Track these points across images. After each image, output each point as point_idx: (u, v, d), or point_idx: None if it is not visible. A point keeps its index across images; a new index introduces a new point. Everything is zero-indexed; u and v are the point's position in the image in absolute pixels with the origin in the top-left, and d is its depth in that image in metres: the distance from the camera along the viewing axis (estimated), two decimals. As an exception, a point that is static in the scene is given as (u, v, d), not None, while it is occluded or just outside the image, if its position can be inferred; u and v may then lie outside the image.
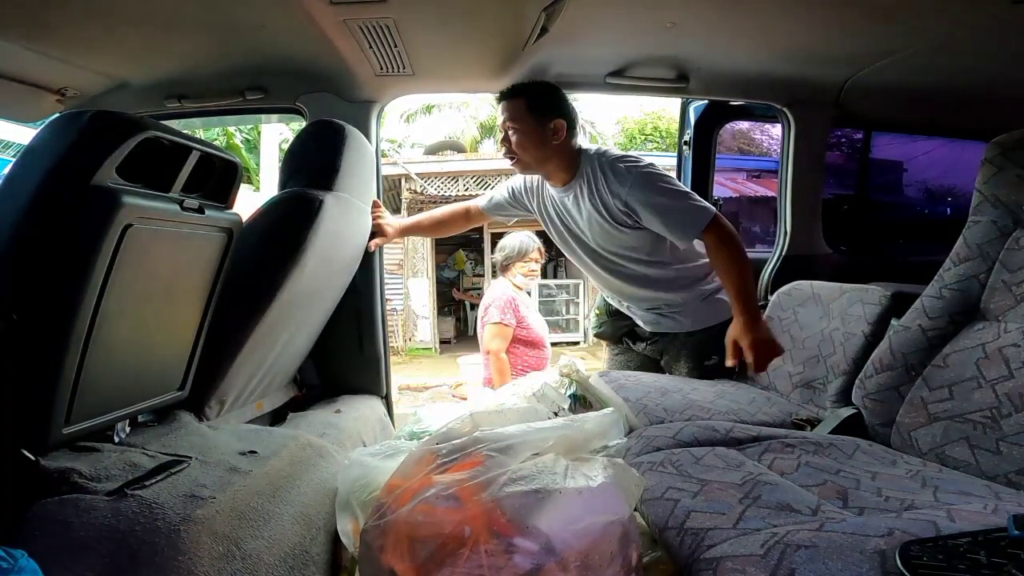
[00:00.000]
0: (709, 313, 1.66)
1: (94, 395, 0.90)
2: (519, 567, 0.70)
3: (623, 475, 0.81)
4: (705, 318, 1.66)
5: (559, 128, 1.52)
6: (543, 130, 1.52)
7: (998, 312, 1.06)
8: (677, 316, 1.68)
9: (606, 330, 1.94)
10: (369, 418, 1.68)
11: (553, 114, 1.52)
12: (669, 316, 1.69)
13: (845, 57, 1.71)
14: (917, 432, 1.07)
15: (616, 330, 1.90)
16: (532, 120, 1.52)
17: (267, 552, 0.87)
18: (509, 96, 1.55)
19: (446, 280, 10.47)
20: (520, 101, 1.53)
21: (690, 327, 1.68)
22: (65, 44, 1.42)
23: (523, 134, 1.52)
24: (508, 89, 1.56)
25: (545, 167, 1.58)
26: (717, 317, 1.64)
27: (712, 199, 2.22)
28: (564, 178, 1.59)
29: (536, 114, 1.52)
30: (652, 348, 1.81)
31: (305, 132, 1.51)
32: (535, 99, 1.53)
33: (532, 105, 1.52)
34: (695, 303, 1.67)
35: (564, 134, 1.53)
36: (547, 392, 1.44)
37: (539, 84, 1.58)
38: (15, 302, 0.80)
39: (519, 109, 1.52)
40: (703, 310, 1.66)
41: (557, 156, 1.55)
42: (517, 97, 1.54)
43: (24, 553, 0.66)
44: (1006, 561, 0.56)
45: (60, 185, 0.82)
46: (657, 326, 1.74)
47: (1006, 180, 1.10)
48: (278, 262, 1.24)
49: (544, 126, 1.52)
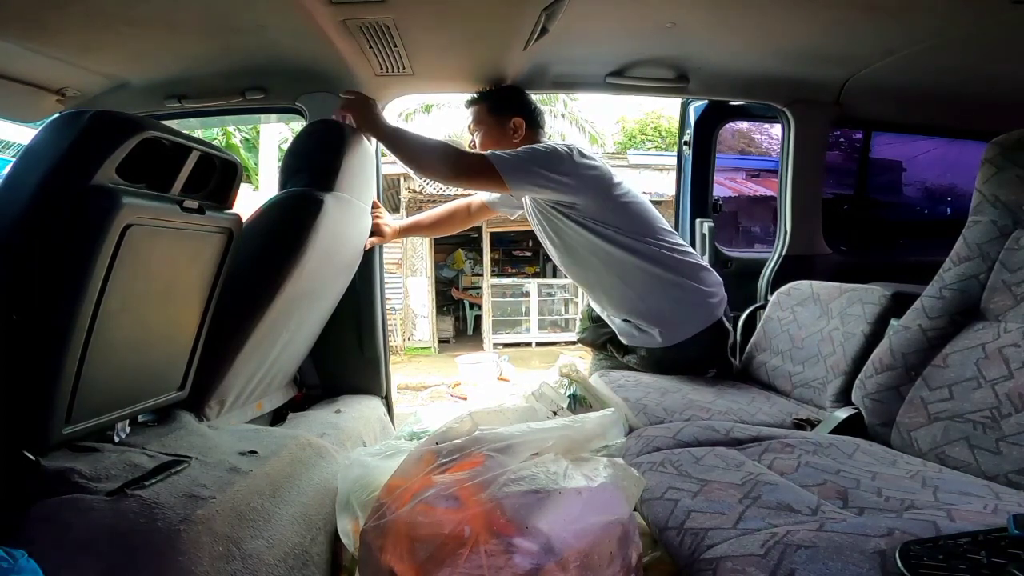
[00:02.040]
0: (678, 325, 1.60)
1: (94, 395, 0.90)
2: (519, 567, 0.70)
3: (623, 475, 0.81)
4: (675, 331, 1.60)
5: (519, 126, 1.64)
6: (503, 129, 1.63)
7: (998, 312, 1.06)
8: (648, 329, 1.62)
9: (588, 336, 1.93)
10: (369, 418, 1.68)
11: (511, 112, 1.64)
12: (642, 330, 1.64)
13: (845, 57, 1.71)
14: (917, 432, 1.07)
15: (597, 336, 1.88)
16: (493, 121, 1.65)
17: (267, 552, 0.87)
18: (472, 103, 1.69)
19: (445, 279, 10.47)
20: (482, 106, 1.67)
21: (662, 342, 1.61)
22: (65, 44, 1.42)
23: (485, 135, 1.65)
24: (472, 97, 1.69)
25: None
26: (692, 328, 1.59)
27: (712, 199, 2.22)
28: None
29: (496, 115, 1.65)
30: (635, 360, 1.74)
31: (305, 132, 1.52)
32: (494, 102, 1.66)
33: (492, 108, 1.66)
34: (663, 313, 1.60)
35: (523, 131, 1.63)
36: (546, 391, 1.44)
37: (499, 88, 1.69)
38: (15, 302, 0.80)
39: (481, 112, 1.66)
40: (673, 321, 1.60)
41: None
42: (479, 103, 1.67)
43: (24, 553, 0.66)
44: (1006, 561, 0.56)
45: (60, 185, 0.82)
46: (632, 339, 1.69)
47: (1006, 180, 1.10)
48: (278, 262, 1.24)
49: (504, 125, 1.64)
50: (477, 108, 1.68)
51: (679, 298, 1.61)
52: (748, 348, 1.72)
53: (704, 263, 1.71)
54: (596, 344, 1.90)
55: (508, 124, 1.64)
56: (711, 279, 1.67)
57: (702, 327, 1.60)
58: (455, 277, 10.69)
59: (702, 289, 1.63)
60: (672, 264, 1.60)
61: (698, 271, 1.65)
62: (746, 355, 1.72)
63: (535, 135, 1.66)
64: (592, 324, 1.90)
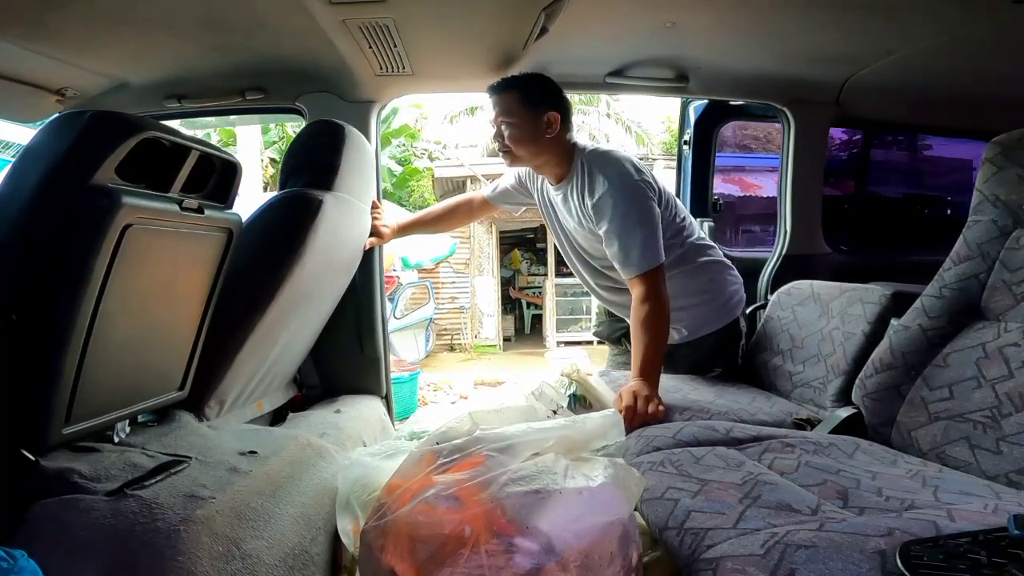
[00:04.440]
0: (701, 324, 1.60)
1: (94, 395, 0.90)
2: (519, 567, 0.70)
3: (623, 475, 0.81)
4: (698, 327, 1.60)
5: (553, 121, 1.47)
6: (537, 123, 1.47)
7: (998, 312, 1.06)
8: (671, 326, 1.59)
9: (603, 330, 1.93)
10: (369, 418, 1.68)
11: (547, 106, 1.47)
12: None
13: (845, 57, 1.71)
14: (917, 432, 1.07)
15: (613, 331, 1.88)
16: (525, 113, 1.47)
17: (267, 552, 0.87)
18: (501, 89, 1.49)
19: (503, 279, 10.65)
20: (513, 94, 1.48)
21: (679, 339, 1.61)
22: (65, 44, 1.42)
23: (517, 128, 1.47)
24: (500, 82, 1.51)
25: (538, 161, 1.54)
26: (712, 325, 1.59)
27: (712, 198, 2.22)
28: (558, 174, 1.55)
29: (530, 107, 1.47)
30: None
31: (305, 132, 1.52)
32: (528, 92, 1.48)
33: (525, 98, 1.48)
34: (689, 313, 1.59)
35: (558, 127, 1.48)
36: (545, 391, 1.44)
37: (532, 76, 1.54)
38: (14, 302, 0.80)
39: (512, 102, 1.48)
40: (696, 320, 1.60)
41: (551, 150, 1.51)
42: (509, 90, 1.49)
43: (24, 553, 0.66)
44: (1006, 561, 0.56)
45: (59, 185, 0.82)
46: None
47: (1006, 180, 1.10)
48: (278, 262, 1.24)
49: (538, 119, 1.47)
50: (507, 97, 1.48)
51: (706, 300, 1.61)
52: (748, 348, 1.72)
53: (727, 260, 1.69)
54: (612, 339, 1.90)
55: (542, 118, 1.46)
56: (734, 278, 1.67)
57: (720, 325, 1.60)
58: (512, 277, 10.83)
59: (726, 289, 1.63)
60: (702, 265, 1.60)
61: (723, 270, 1.64)
62: (746, 355, 1.72)
63: (567, 133, 1.51)
64: (608, 319, 1.89)
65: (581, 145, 1.54)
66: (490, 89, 1.52)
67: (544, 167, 1.56)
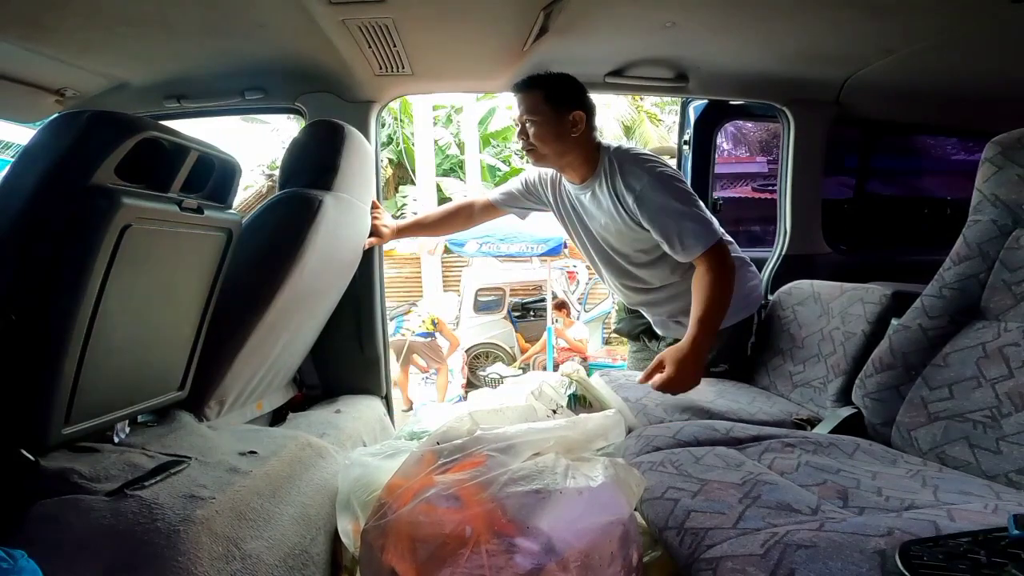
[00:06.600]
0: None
1: (94, 395, 0.90)
2: (520, 567, 0.70)
3: (624, 475, 0.81)
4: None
5: (578, 120, 1.48)
6: (562, 122, 1.48)
7: (998, 311, 1.06)
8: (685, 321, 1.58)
9: (623, 326, 1.93)
10: (369, 418, 1.68)
11: (572, 106, 1.49)
12: (678, 322, 1.64)
13: (844, 57, 1.71)
14: (917, 431, 1.07)
15: (633, 327, 1.88)
16: (550, 112, 1.48)
17: (267, 552, 0.87)
18: (526, 88, 1.51)
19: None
20: (538, 93, 1.49)
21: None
22: (64, 45, 1.42)
23: (541, 126, 1.49)
24: (525, 80, 1.52)
25: (563, 160, 1.54)
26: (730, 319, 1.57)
27: (712, 199, 2.22)
28: (583, 173, 1.55)
29: (554, 106, 1.48)
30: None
31: (304, 132, 1.51)
32: (553, 91, 1.49)
33: (550, 97, 1.49)
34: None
35: (583, 126, 1.49)
36: (545, 391, 1.44)
37: (557, 76, 1.54)
38: (14, 302, 0.80)
39: (536, 101, 1.49)
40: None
41: (576, 150, 1.51)
42: (534, 89, 1.50)
43: (24, 553, 0.66)
44: (1006, 561, 0.56)
45: (59, 185, 0.82)
46: (666, 329, 1.71)
47: (1006, 179, 1.10)
48: (278, 262, 1.24)
49: (563, 118, 1.48)
50: (532, 96, 1.50)
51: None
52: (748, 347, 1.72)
53: (745, 256, 1.69)
54: (632, 335, 1.91)
55: (568, 117, 1.47)
56: (752, 274, 1.67)
57: (737, 320, 1.60)
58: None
59: (745, 284, 1.63)
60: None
61: (742, 265, 1.64)
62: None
63: (591, 132, 1.53)
64: (628, 315, 1.90)
65: (606, 144, 1.55)
66: (514, 88, 1.54)
67: (569, 166, 1.56)
